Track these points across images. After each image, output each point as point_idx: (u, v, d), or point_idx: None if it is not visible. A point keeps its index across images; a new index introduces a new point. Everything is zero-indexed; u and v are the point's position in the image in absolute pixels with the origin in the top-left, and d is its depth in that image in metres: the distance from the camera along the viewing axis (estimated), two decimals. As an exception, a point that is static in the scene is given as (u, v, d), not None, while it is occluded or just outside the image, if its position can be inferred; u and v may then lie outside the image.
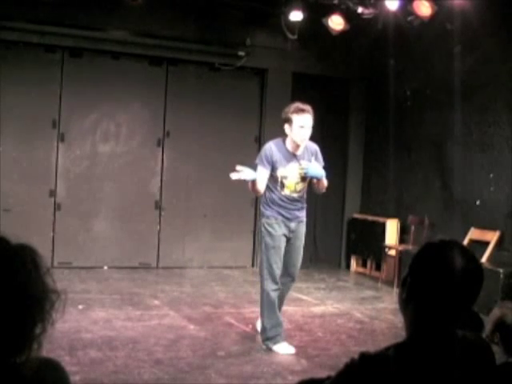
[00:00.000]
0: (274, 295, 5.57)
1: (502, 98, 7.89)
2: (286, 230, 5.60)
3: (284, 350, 5.53)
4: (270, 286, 5.54)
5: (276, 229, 5.54)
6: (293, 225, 5.61)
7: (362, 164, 10.39)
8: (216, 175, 9.31)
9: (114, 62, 9.12)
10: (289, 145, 5.50)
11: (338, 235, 10.37)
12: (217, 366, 5.02)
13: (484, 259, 7.58)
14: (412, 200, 9.32)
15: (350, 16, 8.40)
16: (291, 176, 5.50)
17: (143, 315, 6.51)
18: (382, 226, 9.39)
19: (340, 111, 10.39)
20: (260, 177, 5.44)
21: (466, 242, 7.75)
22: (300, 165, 5.47)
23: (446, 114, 8.59)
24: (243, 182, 5.61)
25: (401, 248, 8.88)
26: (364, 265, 9.93)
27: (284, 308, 7.14)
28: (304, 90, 10.04)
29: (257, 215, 9.76)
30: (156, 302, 7.14)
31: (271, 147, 5.49)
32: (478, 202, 8.13)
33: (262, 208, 5.69)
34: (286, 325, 6.40)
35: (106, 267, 8.98)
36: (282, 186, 5.51)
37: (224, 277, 8.94)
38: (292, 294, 7.98)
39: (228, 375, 4.85)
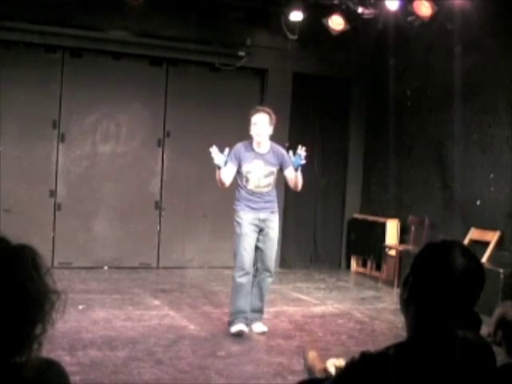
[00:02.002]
0: (240, 281, 5.83)
1: (503, 98, 7.89)
2: (256, 219, 5.95)
3: (236, 328, 5.82)
4: (238, 273, 5.86)
5: (243, 217, 5.94)
6: (262, 215, 5.97)
7: (362, 164, 10.39)
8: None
9: (114, 62, 9.12)
10: (254, 144, 6.03)
11: (339, 235, 10.37)
12: (217, 366, 5.02)
13: (484, 259, 7.57)
14: (412, 200, 9.32)
15: (350, 16, 8.40)
16: (255, 171, 5.97)
17: (143, 315, 6.51)
18: (382, 226, 9.39)
19: (340, 111, 10.39)
20: (226, 168, 5.87)
21: (466, 242, 7.74)
22: (265, 162, 5.96)
23: (446, 114, 8.59)
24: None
25: (401, 248, 8.88)
26: (364, 265, 9.93)
27: (284, 308, 7.16)
28: (304, 90, 10.06)
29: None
30: (156, 302, 7.14)
31: (240, 147, 6.04)
32: (478, 202, 8.13)
33: (234, 206, 6.09)
34: (287, 325, 6.41)
35: (106, 267, 8.98)
36: (247, 180, 5.98)
37: (224, 277, 8.91)
38: (292, 294, 8.01)
39: (228, 375, 4.85)
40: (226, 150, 5.76)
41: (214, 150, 5.71)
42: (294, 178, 5.96)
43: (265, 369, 5.04)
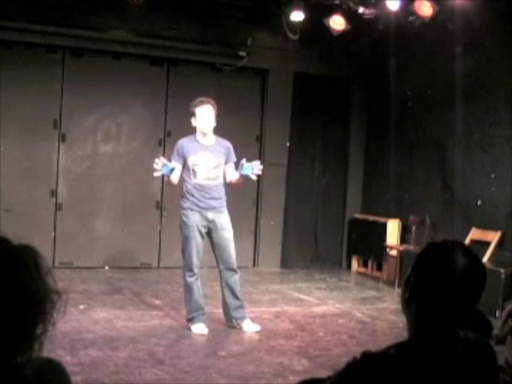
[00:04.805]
0: (190, 280, 5.95)
1: (503, 97, 7.89)
2: (203, 221, 5.93)
3: (197, 329, 5.90)
4: (187, 274, 5.96)
5: (191, 219, 5.90)
6: (210, 214, 5.94)
7: (363, 164, 10.39)
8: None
9: (115, 62, 9.12)
10: (198, 137, 6.02)
11: (339, 235, 10.37)
12: (218, 366, 5.02)
13: (485, 259, 7.57)
14: (413, 200, 9.32)
15: (351, 16, 8.40)
16: (202, 163, 5.94)
17: (144, 315, 6.51)
18: (383, 226, 9.39)
19: (341, 111, 10.39)
20: (173, 173, 5.87)
21: (467, 242, 7.73)
22: (212, 154, 5.97)
23: (447, 113, 8.59)
24: (244, 182, 6.10)
25: (402, 248, 8.87)
26: (365, 265, 9.93)
27: (285, 308, 7.16)
28: (305, 90, 10.06)
29: (257, 215, 9.76)
30: (157, 302, 7.14)
31: (182, 142, 6.05)
32: (479, 202, 8.13)
33: (180, 201, 6.03)
34: (288, 325, 6.41)
35: (107, 267, 8.98)
36: (194, 173, 5.93)
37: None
38: (293, 293, 8.01)
39: (229, 375, 4.85)
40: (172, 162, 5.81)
41: (161, 161, 5.69)
42: (235, 179, 5.97)
43: (266, 369, 5.04)
